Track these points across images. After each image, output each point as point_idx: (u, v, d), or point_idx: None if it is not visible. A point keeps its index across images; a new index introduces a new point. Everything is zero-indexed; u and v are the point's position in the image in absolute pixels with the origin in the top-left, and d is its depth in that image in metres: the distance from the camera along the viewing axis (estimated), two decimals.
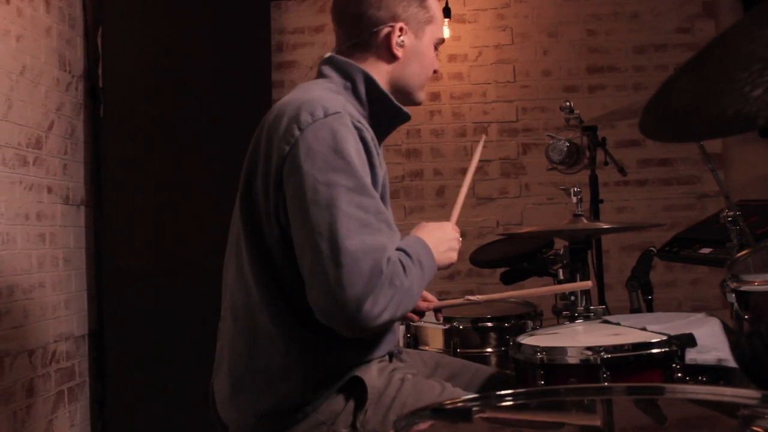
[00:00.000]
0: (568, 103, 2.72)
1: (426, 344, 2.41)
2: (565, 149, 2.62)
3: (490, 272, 3.87)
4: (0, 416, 2.79)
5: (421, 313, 1.93)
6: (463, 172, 4.32)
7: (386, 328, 1.51)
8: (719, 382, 1.61)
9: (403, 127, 4.35)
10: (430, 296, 1.94)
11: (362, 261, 1.39)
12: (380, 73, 1.69)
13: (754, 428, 1.02)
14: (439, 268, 1.64)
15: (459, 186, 2.06)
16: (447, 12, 4.22)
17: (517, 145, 4.36)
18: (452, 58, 4.39)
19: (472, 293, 4.15)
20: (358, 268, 1.38)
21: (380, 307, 1.40)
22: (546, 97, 4.33)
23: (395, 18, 1.68)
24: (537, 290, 2.04)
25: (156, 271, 3.43)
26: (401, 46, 1.68)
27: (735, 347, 1.06)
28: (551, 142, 2.64)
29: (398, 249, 1.52)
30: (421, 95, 1.77)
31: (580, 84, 4.35)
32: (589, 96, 4.31)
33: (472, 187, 4.32)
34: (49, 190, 3.22)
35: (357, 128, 1.51)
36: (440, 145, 4.38)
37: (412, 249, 1.54)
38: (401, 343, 2.44)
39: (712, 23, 4.31)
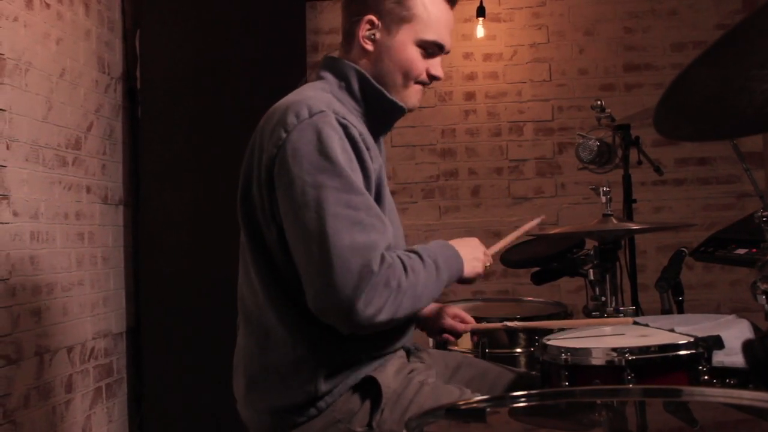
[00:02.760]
0: (599, 102, 2.69)
1: (455, 344, 2.40)
2: (596, 148, 2.60)
3: (525, 272, 3.85)
4: (39, 411, 2.85)
5: (457, 335, 1.92)
6: (498, 171, 4.36)
7: (388, 327, 1.51)
8: (748, 386, 1.58)
9: (438, 127, 4.37)
10: (467, 317, 1.94)
11: (351, 261, 1.40)
12: (362, 65, 1.68)
13: None
14: (465, 277, 1.64)
15: (493, 185, 2.04)
16: (481, 11, 4.21)
17: (553, 145, 4.33)
18: (487, 57, 4.38)
19: (506, 293, 4.16)
20: (347, 267, 1.40)
21: (375, 308, 1.41)
22: (582, 96, 4.28)
23: (366, 11, 1.66)
24: (578, 321, 2.03)
25: (193, 269, 3.48)
26: (371, 40, 1.67)
27: (747, 349, 1.04)
28: (582, 141, 2.62)
29: (410, 251, 1.53)
30: (403, 96, 1.69)
31: (616, 82, 4.30)
32: (626, 94, 4.26)
33: (507, 187, 4.31)
34: (88, 189, 3.28)
35: (342, 125, 1.52)
36: (475, 145, 4.37)
37: (428, 251, 1.55)
38: (430, 344, 2.44)
39: None
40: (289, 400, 1.57)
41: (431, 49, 1.69)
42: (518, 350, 2.33)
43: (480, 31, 4.27)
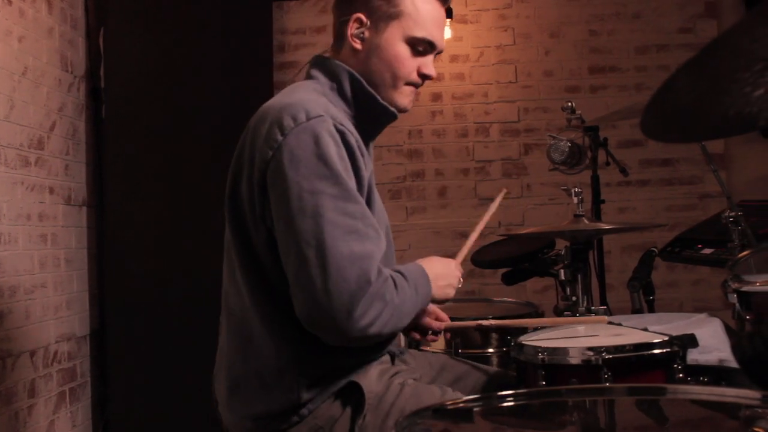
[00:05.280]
0: (569, 104, 2.72)
1: (428, 345, 2.40)
2: (567, 149, 2.62)
3: (491, 272, 3.87)
4: (1, 417, 2.79)
5: (433, 332, 1.91)
6: (465, 172, 4.37)
7: (372, 342, 1.49)
8: (721, 383, 1.61)
9: (405, 128, 4.37)
10: (442, 315, 1.92)
11: (349, 270, 1.39)
12: (352, 66, 1.66)
13: (756, 429, 1.02)
14: (434, 300, 1.64)
15: (459, 186, 2.04)
16: (449, 12, 4.20)
17: (519, 146, 4.36)
18: (454, 58, 4.39)
19: (473, 294, 4.18)
20: (344, 277, 1.38)
21: (369, 319, 1.40)
22: (548, 98, 4.33)
23: (354, 9, 1.65)
24: (552, 320, 2.03)
25: (158, 271, 3.43)
26: (359, 38, 1.65)
27: (736, 348, 1.06)
28: (553, 142, 2.64)
29: (396, 270, 1.52)
30: (394, 96, 1.67)
31: (581, 84, 4.35)
32: (591, 96, 4.31)
33: (473, 188, 4.33)
34: (51, 190, 3.22)
35: (340, 131, 1.50)
36: (442, 146, 4.38)
37: (411, 274, 1.54)
38: (403, 344, 2.44)
39: (714, 23, 4.30)
40: (271, 406, 1.54)
41: (421, 46, 1.66)
42: (491, 350, 2.33)
43: (447, 32, 4.28)
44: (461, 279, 1.74)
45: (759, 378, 1.03)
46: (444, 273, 1.66)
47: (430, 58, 1.69)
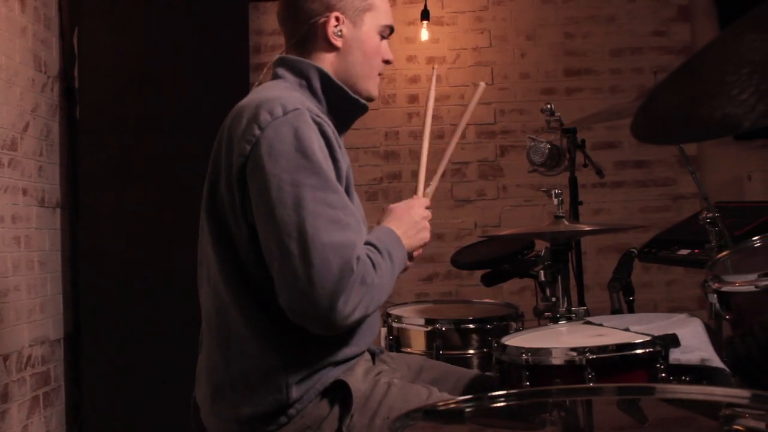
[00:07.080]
0: (549, 105, 2.73)
1: (408, 346, 2.40)
2: (546, 151, 2.63)
3: (468, 274, 3.88)
4: None
5: None
6: (441, 174, 4.35)
7: (357, 324, 1.51)
8: (702, 382, 1.62)
9: (382, 129, 4.37)
10: None
11: (332, 259, 1.40)
12: (326, 65, 1.69)
13: (735, 427, 1.03)
14: (413, 251, 1.68)
15: (436, 187, 2.05)
16: (425, 14, 4.23)
17: (495, 147, 4.38)
18: (431, 60, 4.40)
19: (451, 294, 4.19)
20: (328, 266, 1.39)
21: (352, 305, 1.41)
22: (524, 100, 4.35)
23: (330, 8, 1.68)
24: None
25: (133, 273, 3.40)
26: (339, 36, 1.68)
27: (728, 347, 1.07)
28: (532, 144, 2.65)
29: (367, 243, 1.52)
30: (370, 86, 1.74)
31: (557, 87, 4.38)
32: (567, 98, 4.33)
33: (450, 189, 4.33)
34: (25, 192, 3.18)
35: (317, 123, 1.52)
36: (418, 147, 4.35)
37: (382, 243, 1.54)
38: (383, 345, 2.44)
39: (688, 27, 4.36)
40: (258, 409, 1.53)
41: (385, 33, 1.75)
42: (471, 351, 2.33)
43: (424, 35, 4.29)
44: (429, 214, 1.79)
45: (750, 377, 1.04)
46: (410, 221, 1.70)
47: (386, 42, 1.76)
